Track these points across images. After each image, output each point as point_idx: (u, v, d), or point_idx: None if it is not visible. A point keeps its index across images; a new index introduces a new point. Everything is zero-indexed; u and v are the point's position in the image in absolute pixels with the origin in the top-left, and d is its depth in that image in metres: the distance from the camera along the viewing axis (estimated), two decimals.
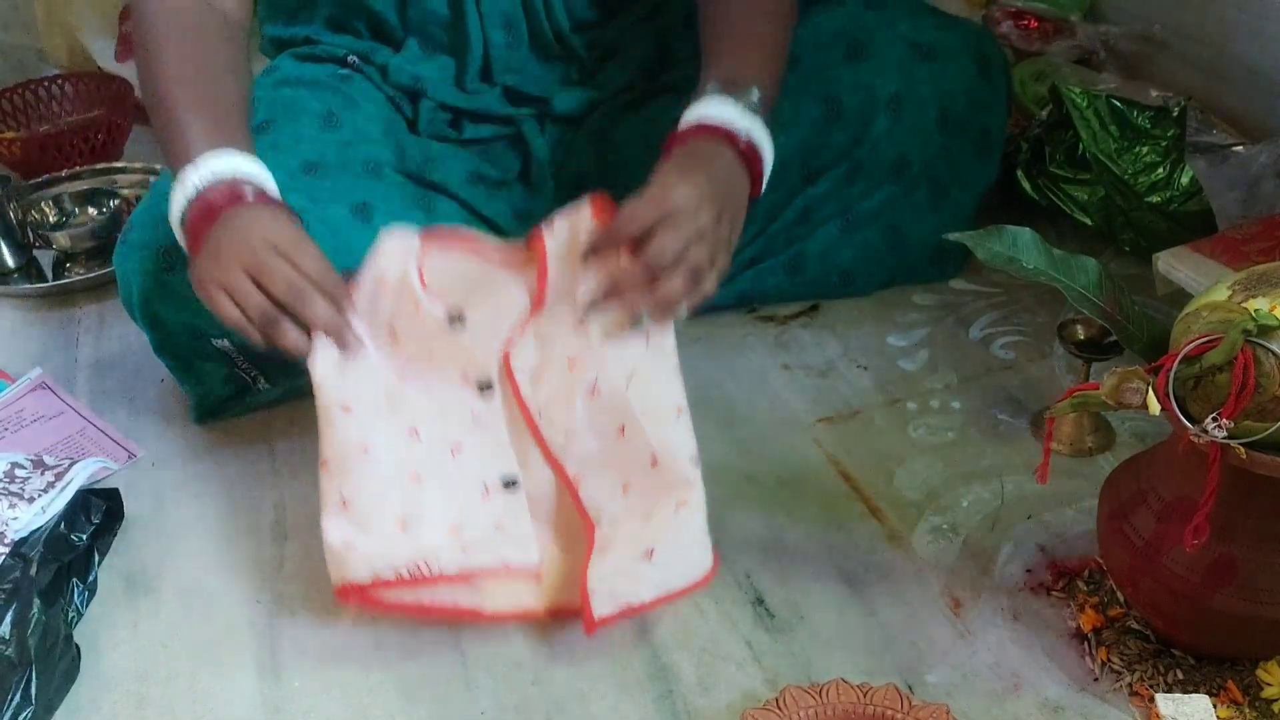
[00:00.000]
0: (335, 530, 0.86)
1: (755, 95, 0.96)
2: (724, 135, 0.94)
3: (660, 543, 0.87)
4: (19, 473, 0.93)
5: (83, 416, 1.15)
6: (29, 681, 0.82)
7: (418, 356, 0.92)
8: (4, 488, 0.91)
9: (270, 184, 0.94)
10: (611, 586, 0.86)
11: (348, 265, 0.91)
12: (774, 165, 1.07)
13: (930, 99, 1.15)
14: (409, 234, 0.93)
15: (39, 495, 0.90)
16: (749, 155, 0.95)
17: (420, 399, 0.92)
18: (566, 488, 0.91)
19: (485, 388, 0.93)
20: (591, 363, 0.91)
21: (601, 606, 0.85)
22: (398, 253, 0.92)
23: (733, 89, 0.95)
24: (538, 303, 0.93)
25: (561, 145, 1.22)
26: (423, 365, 0.92)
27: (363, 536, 0.86)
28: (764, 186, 0.98)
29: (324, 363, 0.87)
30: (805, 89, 1.16)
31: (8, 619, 0.81)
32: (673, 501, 0.89)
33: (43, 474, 0.94)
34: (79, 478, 0.94)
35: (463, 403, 0.93)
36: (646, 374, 0.91)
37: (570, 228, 0.92)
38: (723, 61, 0.99)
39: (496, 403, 0.93)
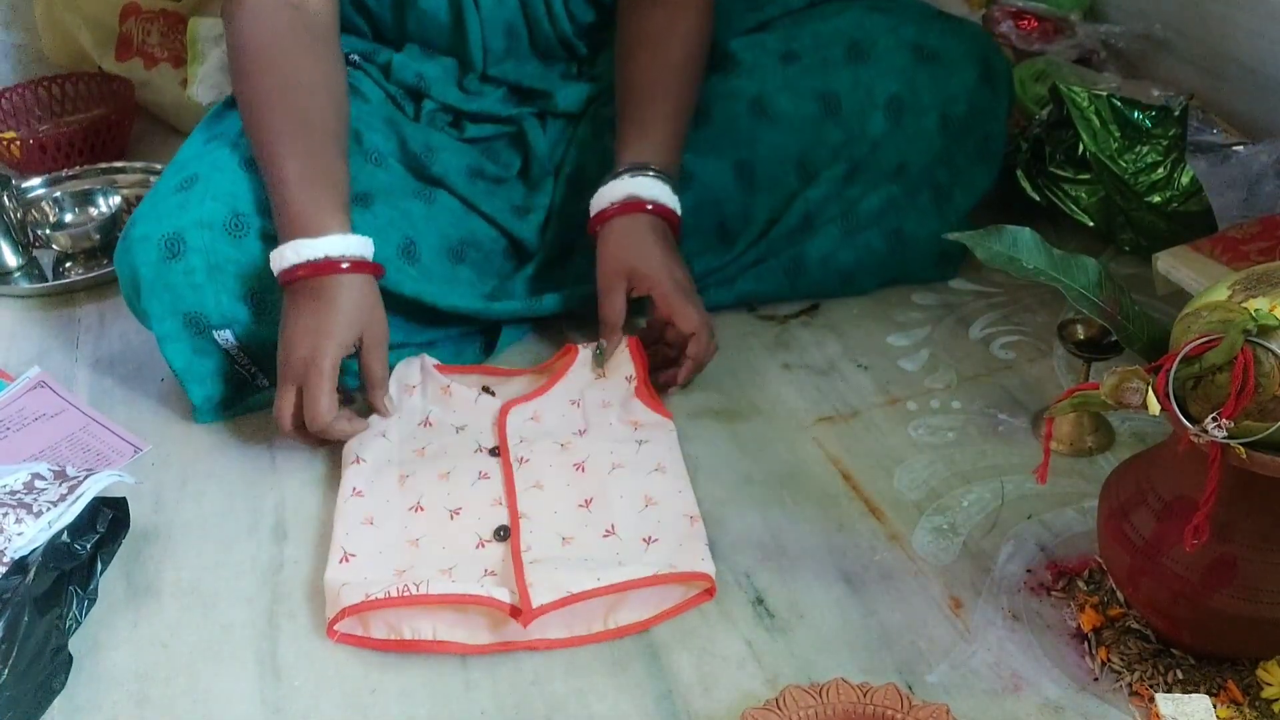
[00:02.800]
0: (337, 576, 0.91)
1: (666, 171, 1.11)
2: (644, 210, 1.09)
3: (602, 572, 0.88)
4: (38, 484, 0.93)
5: (84, 413, 1.15)
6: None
7: (443, 438, 1.04)
8: (18, 499, 0.90)
9: (363, 251, 1.03)
10: (552, 578, 0.87)
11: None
12: (771, 161, 1.18)
13: (931, 103, 1.15)
14: (417, 359, 1.10)
15: (49, 508, 0.89)
16: (667, 214, 1.10)
17: (429, 476, 1.00)
18: (510, 519, 0.94)
19: (495, 452, 1.02)
20: (584, 447, 1.01)
21: (541, 595, 0.86)
22: (413, 363, 1.10)
23: (648, 167, 1.10)
24: (548, 386, 1.08)
25: (562, 141, 1.22)
26: (443, 442, 1.04)
27: (359, 577, 0.91)
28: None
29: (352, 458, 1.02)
30: (805, 86, 1.16)
31: None
32: (615, 561, 0.90)
33: (60, 485, 0.93)
34: (90, 491, 0.93)
35: (471, 468, 1.00)
36: (631, 469, 0.98)
37: (604, 364, 1.09)
38: (634, 142, 1.12)
39: (501, 465, 1.01)
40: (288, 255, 0.99)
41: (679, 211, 1.11)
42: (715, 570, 0.90)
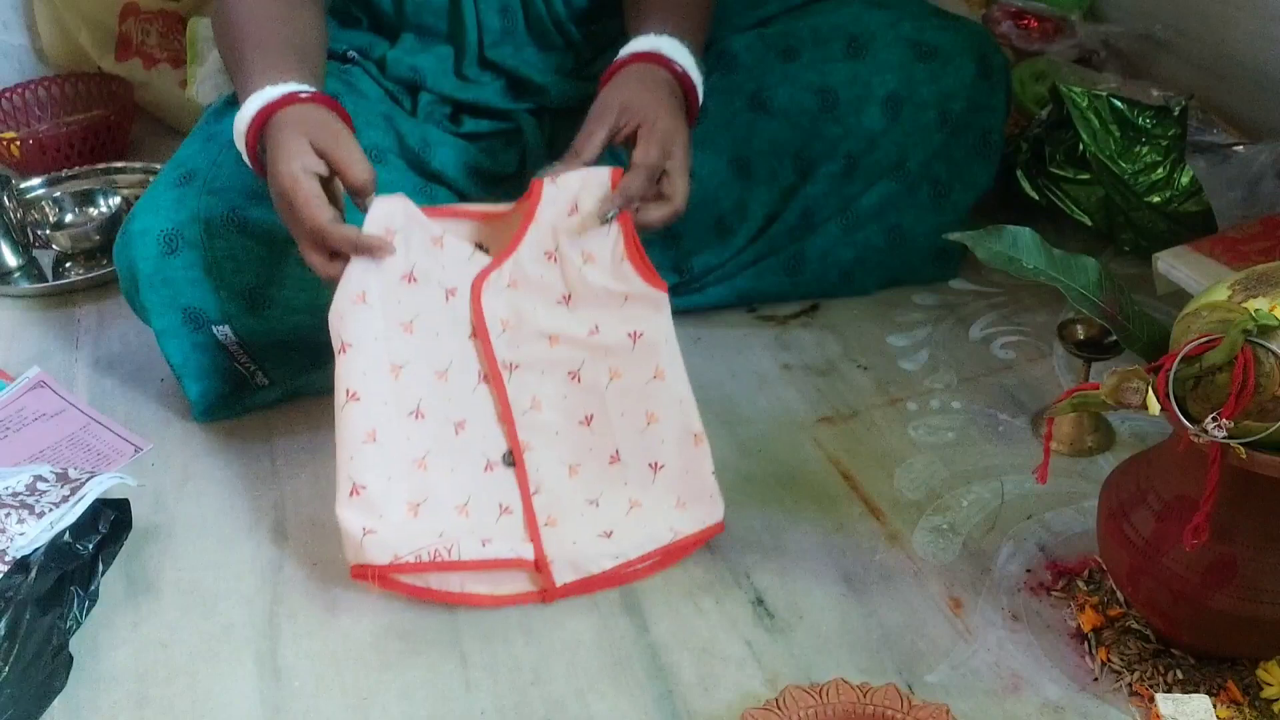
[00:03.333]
0: (352, 517, 0.90)
1: (689, 40, 1.04)
2: (663, 63, 1.01)
3: (618, 527, 0.93)
4: (40, 485, 0.93)
5: (83, 413, 1.15)
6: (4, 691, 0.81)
7: (431, 305, 0.94)
8: (20, 500, 0.90)
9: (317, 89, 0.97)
10: (571, 557, 0.91)
11: None
12: (768, 155, 1.17)
13: (930, 99, 1.15)
14: (396, 197, 0.94)
15: (51, 509, 0.90)
16: (686, 85, 1.03)
17: (426, 373, 0.94)
18: (513, 448, 0.94)
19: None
20: (577, 350, 0.95)
21: (562, 574, 0.91)
22: (397, 203, 0.93)
23: (667, 33, 1.03)
24: (516, 239, 0.96)
25: (559, 140, 1.22)
26: (434, 318, 0.94)
27: (379, 522, 0.90)
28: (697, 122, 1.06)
29: (339, 311, 0.91)
30: (803, 81, 1.16)
31: (1, 629, 0.81)
32: (625, 500, 0.94)
33: (63, 487, 0.93)
34: (93, 493, 0.93)
35: (469, 368, 0.95)
36: (630, 379, 0.94)
37: (578, 188, 0.95)
38: (655, 19, 1.05)
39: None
40: (242, 117, 0.96)
41: (700, 88, 1.04)
42: (723, 507, 0.94)
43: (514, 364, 0.95)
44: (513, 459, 0.94)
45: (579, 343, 0.96)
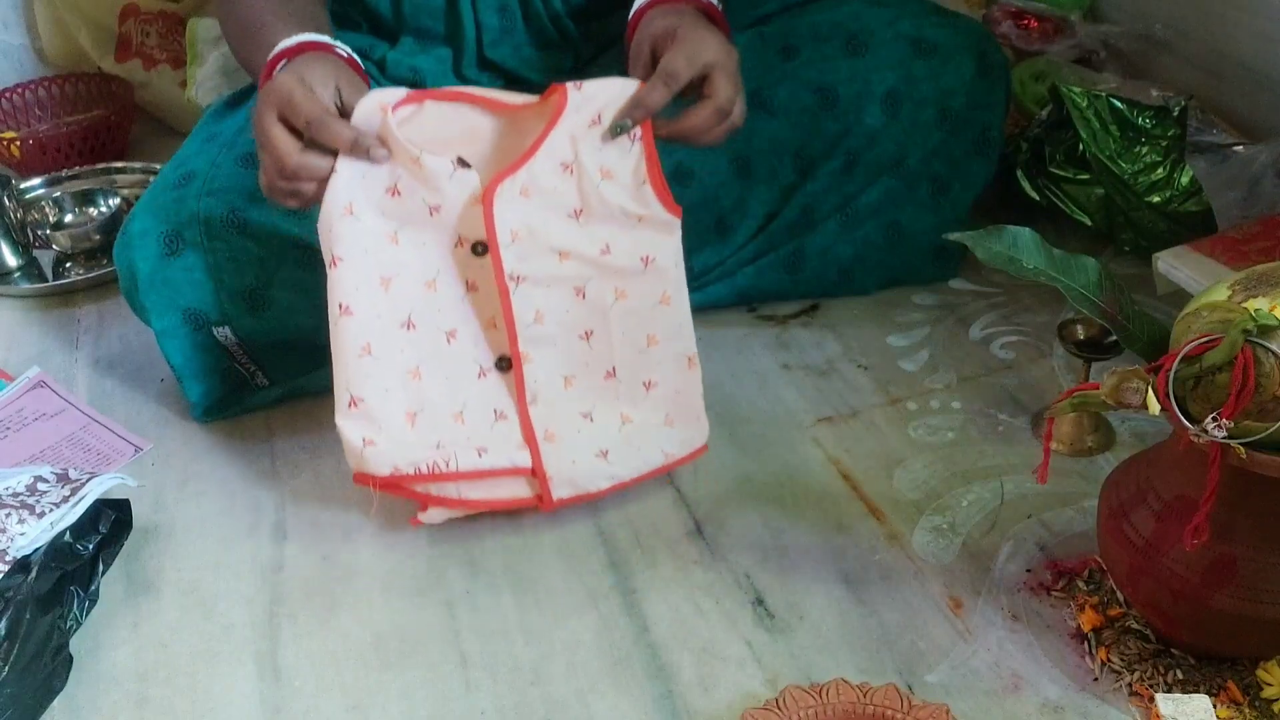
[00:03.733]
0: (352, 429, 0.92)
1: None
2: (701, 5, 0.99)
3: (613, 447, 0.97)
4: (41, 486, 0.93)
5: (84, 413, 1.15)
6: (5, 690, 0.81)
7: (416, 218, 0.93)
8: (21, 500, 0.90)
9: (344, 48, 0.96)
10: (570, 475, 0.96)
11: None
12: (768, 153, 1.18)
13: (929, 95, 1.15)
14: (390, 92, 0.92)
15: (51, 509, 0.90)
16: (713, 14, 1.00)
17: (414, 283, 0.93)
18: (512, 355, 0.95)
19: (481, 251, 0.94)
20: (586, 268, 0.95)
21: (560, 490, 0.96)
22: (371, 108, 0.90)
23: None
24: (534, 148, 0.93)
25: None
26: (419, 230, 0.93)
27: (379, 434, 0.92)
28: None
29: (328, 222, 0.90)
30: (802, 78, 1.16)
31: (1, 628, 0.81)
32: (617, 414, 0.98)
33: (63, 487, 0.93)
34: (93, 493, 0.93)
35: (456, 276, 0.95)
36: (635, 301, 0.96)
37: (604, 99, 0.93)
38: None
39: (490, 268, 0.94)
40: (277, 46, 0.94)
41: (725, 20, 1.01)
42: (708, 429, 1.00)
43: (521, 276, 0.94)
44: (508, 364, 0.96)
45: (589, 261, 0.95)
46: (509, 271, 0.94)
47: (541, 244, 0.94)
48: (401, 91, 0.92)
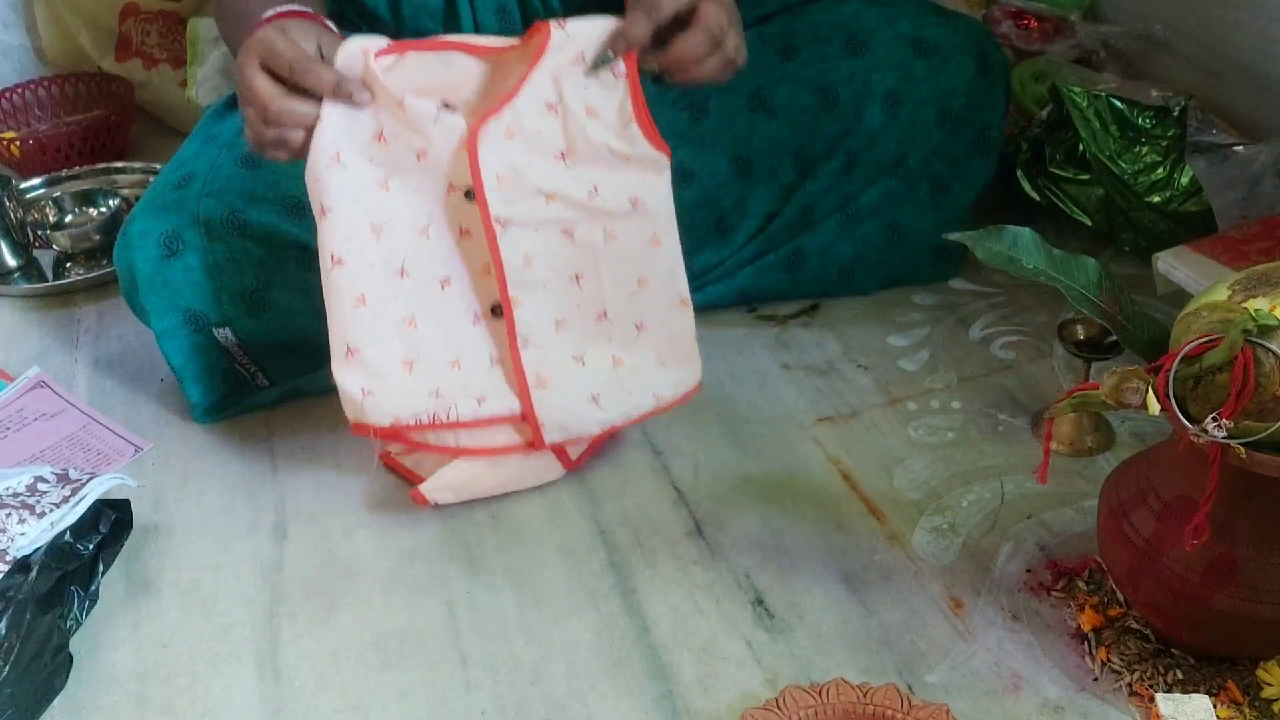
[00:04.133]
0: (350, 379, 0.92)
1: None
2: None
3: (604, 391, 0.98)
4: (41, 486, 0.93)
5: (84, 413, 1.15)
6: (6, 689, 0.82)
7: (404, 164, 0.92)
8: (21, 500, 0.90)
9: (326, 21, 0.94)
10: (561, 420, 0.97)
11: None
12: (768, 154, 1.17)
13: (929, 95, 1.15)
14: (372, 39, 0.91)
15: (52, 509, 0.90)
16: None
17: (406, 231, 0.93)
18: (502, 301, 0.95)
19: (472, 197, 0.93)
20: (573, 210, 0.94)
21: (551, 435, 0.97)
22: (353, 51, 0.90)
23: None
24: (516, 88, 0.92)
25: None
26: (409, 176, 0.93)
27: (377, 383, 0.93)
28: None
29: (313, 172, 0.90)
30: (802, 78, 1.16)
31: (1, 628, 0.81)
32: (608, 356, 0.98)
33: (63, 487, 0.93)
34: (94, 493, 0.93)
35: (448, 221, 0.94)
36: (625, 242, 0.96)
37: (588, 38, 0.92)
38: None
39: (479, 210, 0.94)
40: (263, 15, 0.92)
41: None
42: (700, 369, 1.01)
43: (508, 220, 0.94)
44: (501, 312, 0.96)
45: (576, 203, 0.95)
46: (495, 215, 0.93)
47: (528, 186, 0.93)
48: (384, 40, 0.92)
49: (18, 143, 1.58)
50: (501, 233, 0.93)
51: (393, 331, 0.93)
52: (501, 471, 1.00)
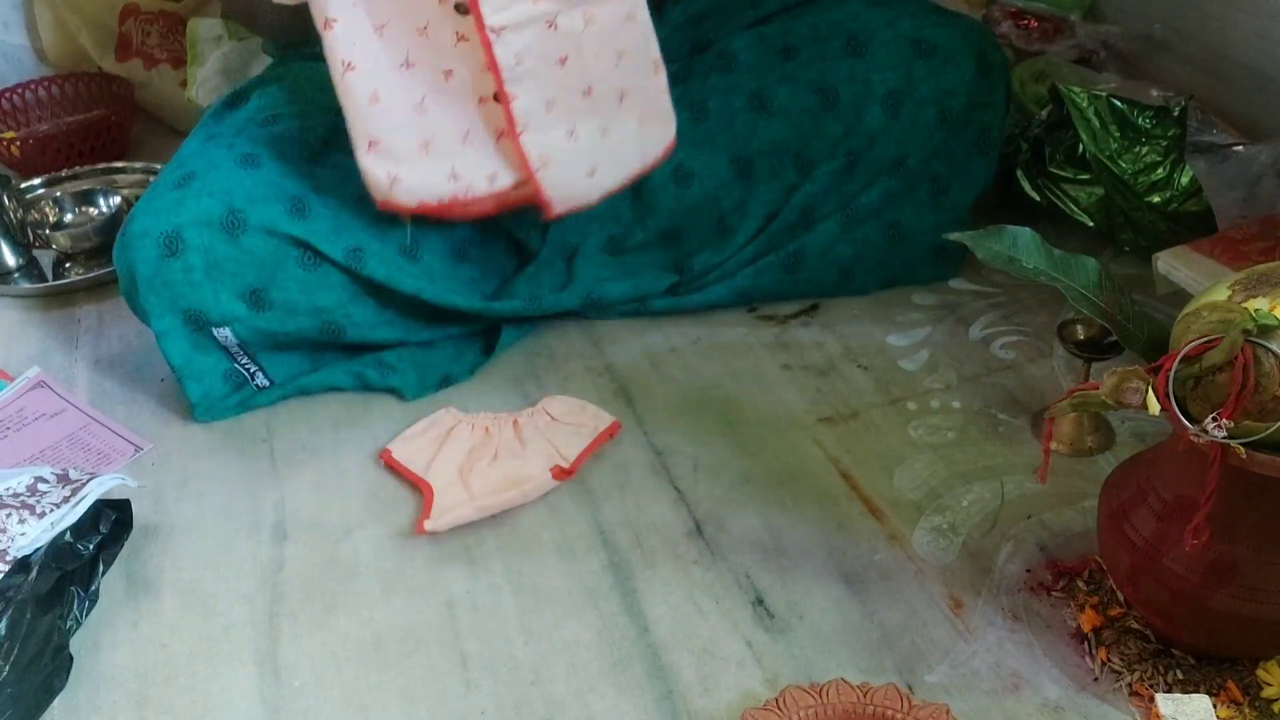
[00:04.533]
0: (374, 165, 1.03)
1: None
2: None
3: (598, 163, 1.09)
4: (41, 486, 0.93)
5: (84, 412, 1.15)
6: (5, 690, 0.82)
7: None
8: (22, 500, 0.90)
9: None
10: (566, 195, 1.10)
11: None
12: (769, 154, 1.18)
13: (929, 96, 1.15)
14: None
15: (52, 509, 0.90)
16: None
17: (407, 30, 1.01)
18: (500, 95, 1.03)
19: (464, 11, 1.00)
20: (557, 2, 1.02)
21: (559, 208, 1.10)
22: None
23: None
24: None
25: None
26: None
27: (400, 167, 1.03)
28: None
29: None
30: (802, 78, 1.16)
31: (1, 628, 0.81)
32: (596, 128, 1.08)
33: (64, 487, 0.93)
34: (94, 493, 0.93)
35: (446, 28, 1.02)
36: (603, 23, 1.04)
37: None
38: None
39: (473, 23, 1.00)
40: None
41: None
42: (675, 125, 1.12)
43: (501, 27, 1.01)
44: (500, 98, 1.04)
45: None
46: (490, 24, 1.00)
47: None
48: None
49: (18, 143, 1.58)
50: (496, 40, 1.01)
51: (406, 119, 1.02)
52: (500, 498, 0.99)
